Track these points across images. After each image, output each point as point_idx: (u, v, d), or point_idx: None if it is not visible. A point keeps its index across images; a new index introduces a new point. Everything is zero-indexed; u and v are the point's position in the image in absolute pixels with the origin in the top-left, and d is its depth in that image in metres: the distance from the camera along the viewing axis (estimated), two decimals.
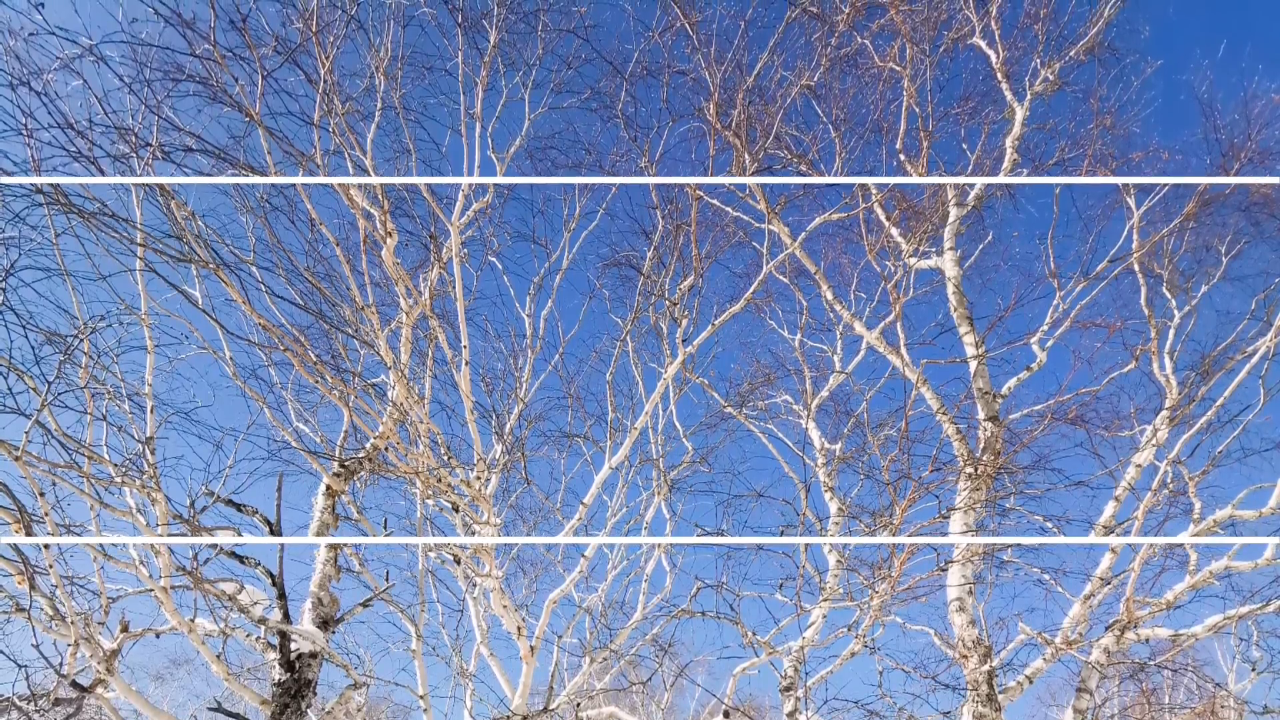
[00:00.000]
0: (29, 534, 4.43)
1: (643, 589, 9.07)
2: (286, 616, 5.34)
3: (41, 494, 4.42)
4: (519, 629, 6.29)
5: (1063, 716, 6.81)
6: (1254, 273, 8.10)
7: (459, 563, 6.35)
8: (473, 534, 9.00)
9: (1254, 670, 8.47)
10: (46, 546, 4.42)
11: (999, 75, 7.68)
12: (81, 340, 4.80)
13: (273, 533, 5.37)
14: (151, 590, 4.94)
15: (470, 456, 5.94)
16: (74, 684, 4.55)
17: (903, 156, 7.50)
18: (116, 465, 4.94)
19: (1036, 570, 7.42)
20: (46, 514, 4.44)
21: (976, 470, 6.50)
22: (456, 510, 6.33)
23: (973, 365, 6.99)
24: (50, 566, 4.44)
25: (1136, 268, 7.84)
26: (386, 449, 5.91)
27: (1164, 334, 7.83)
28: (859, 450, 8.59)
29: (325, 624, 5.62)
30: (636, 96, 6.63)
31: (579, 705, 7.66)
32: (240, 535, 5.42)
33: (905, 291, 8.17)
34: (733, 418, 9.51)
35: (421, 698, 9.68)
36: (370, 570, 7.44)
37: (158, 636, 5.50)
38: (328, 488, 5.80)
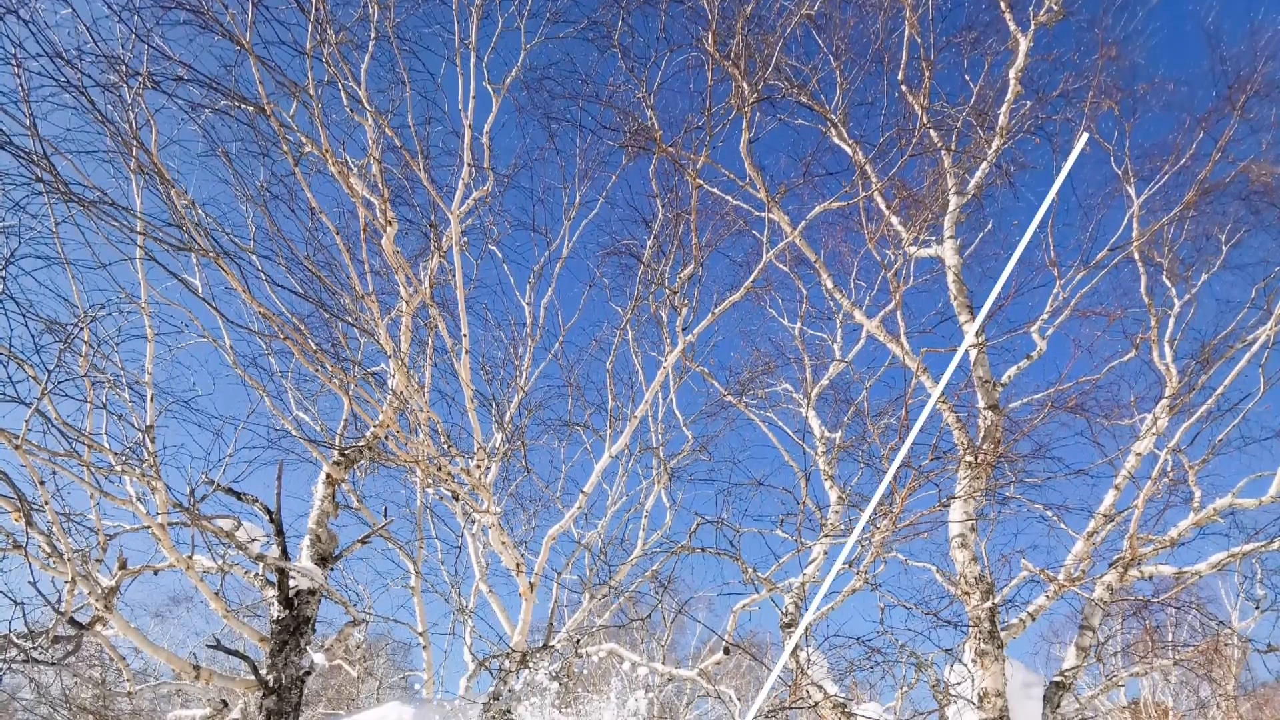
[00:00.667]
0: (29, 524, 4.44)
1: (642, 525, 9.09)
2: (285, 553, 5.35)
3: (41, 482, 4.43)
4: (518, 565, 6.28)
5: (1065, 654, 6.80)
6: (1254, 261, 8.10)
7: (457, 499, 6.34)
8: (473, 523, 9.04)
9: (1257, 608, 8.50)
10: (42, 482, 4.41)
11: (1002, 4, 7.56)
12: (81, 329, 4.81)
13: (272, 521, 5.38)
14: (149, 527, 4.95)
15: (470, 445, 5.94)
16: (72, 621, 4.53)
17: (904, 88, 7.40)
18: (116, 454, 4.95)
19: (1039, 507, 7.42)
20: (46, 502, 4.44)
21: (976, 459, 6.51)
22: (456, 498, 6.34)
23: (973, 354, 6.98)
24: (46, 503, 4.43)
25: (1136, 256, 7.83)
26: (386, 437, 5.92)
27: (1164, 322, 7.82)
28: (859, 439, 8.59)
29: (323, 561, 5.62)
30: (634, 26, 6.54)
31: (579, 642, 7.66)
32: (240, 524, 5.43)
33: (905, 280, 8.16)
34: (733, 406, 9.53)
35: (421, 634, 9.72)
36: (368, 506, 7.46)
37: (156, 573, 5.51)
38: (328, 476, 5.81)
